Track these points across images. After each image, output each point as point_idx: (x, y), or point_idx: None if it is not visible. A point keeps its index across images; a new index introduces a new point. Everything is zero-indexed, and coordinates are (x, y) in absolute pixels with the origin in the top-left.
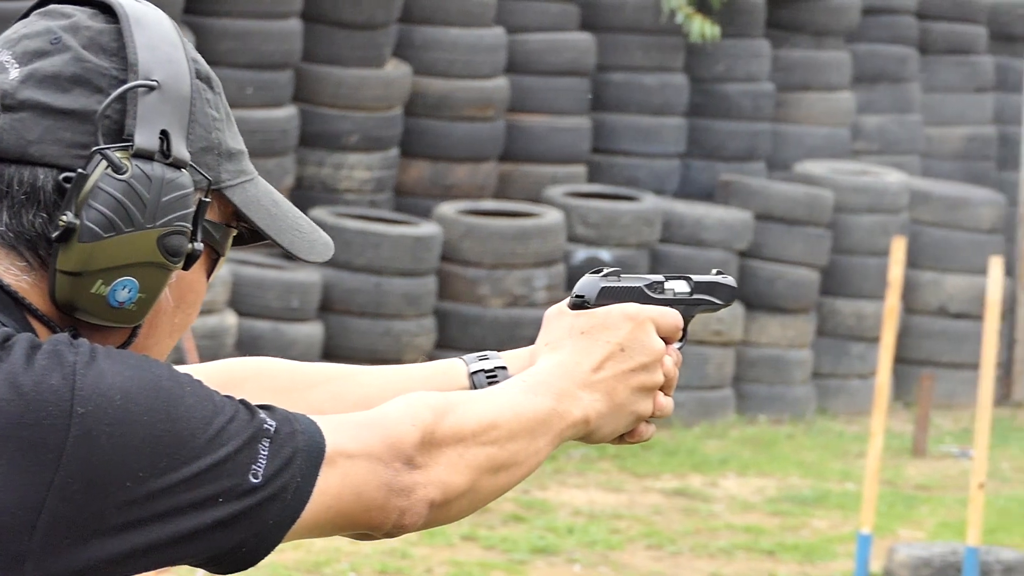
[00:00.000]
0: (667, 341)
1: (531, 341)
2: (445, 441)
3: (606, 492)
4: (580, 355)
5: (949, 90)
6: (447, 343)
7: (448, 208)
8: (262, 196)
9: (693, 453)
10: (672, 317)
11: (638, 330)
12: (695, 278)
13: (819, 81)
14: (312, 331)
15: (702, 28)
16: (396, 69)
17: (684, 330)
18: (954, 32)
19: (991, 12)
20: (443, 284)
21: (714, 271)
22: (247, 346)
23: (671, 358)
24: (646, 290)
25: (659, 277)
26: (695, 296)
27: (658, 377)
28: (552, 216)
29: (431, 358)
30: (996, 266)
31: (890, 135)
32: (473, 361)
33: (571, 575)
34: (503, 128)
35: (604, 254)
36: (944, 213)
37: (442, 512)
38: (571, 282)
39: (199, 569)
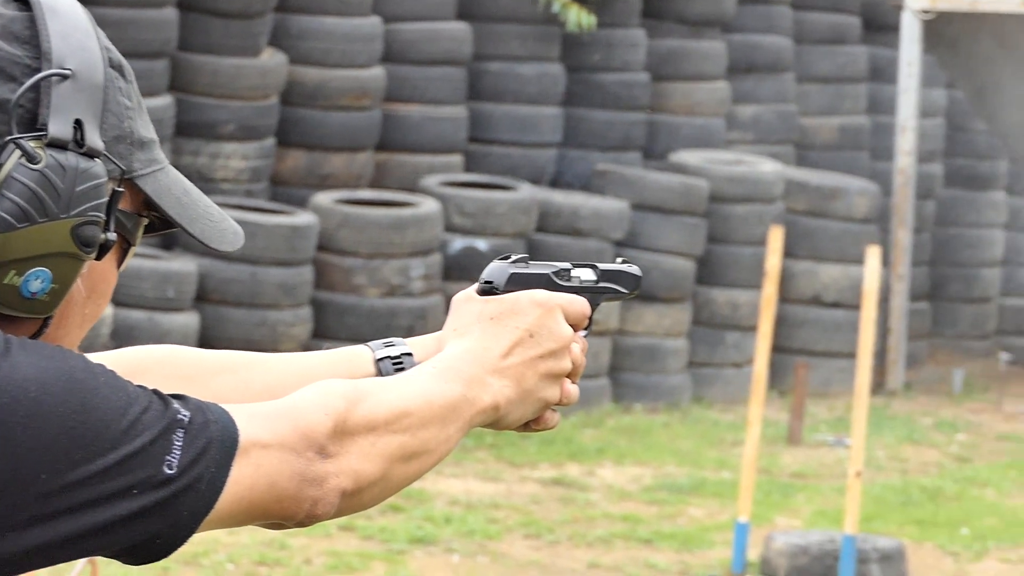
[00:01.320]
0: (574, 328)
1: (408, 331)
2: (357, 430)
3: (483, 482)
4: (489, 341)
5: (823, 80)
6: (323, 333)
7: (324, 197)
8: (173, 185)
9: (570, 442)
10: (580, 305)
11: (547, 317)
12: (601, 266)
13: (694, 71)
14: (188, 321)
15: (578, 18)
16: (272, 58)
17: (590, 318)
18: (828, 22)
19: (864, 3)
20: (319, 274)
21: (619, 260)
22: (122, 336)
23: (578, 345)
24: (553, 277)
25: (566, 264)
26: (601, 284)
27: (566, 364)
28: (428, 205)
29: (307, 348)
30: (873, 256)
31: (765, 125)
32: (379, 348)
33: (449, 565)
34: (379, 117)
35: (481, 244)
36: (819, 202)
37: (354, 501)
38: (448, 272)
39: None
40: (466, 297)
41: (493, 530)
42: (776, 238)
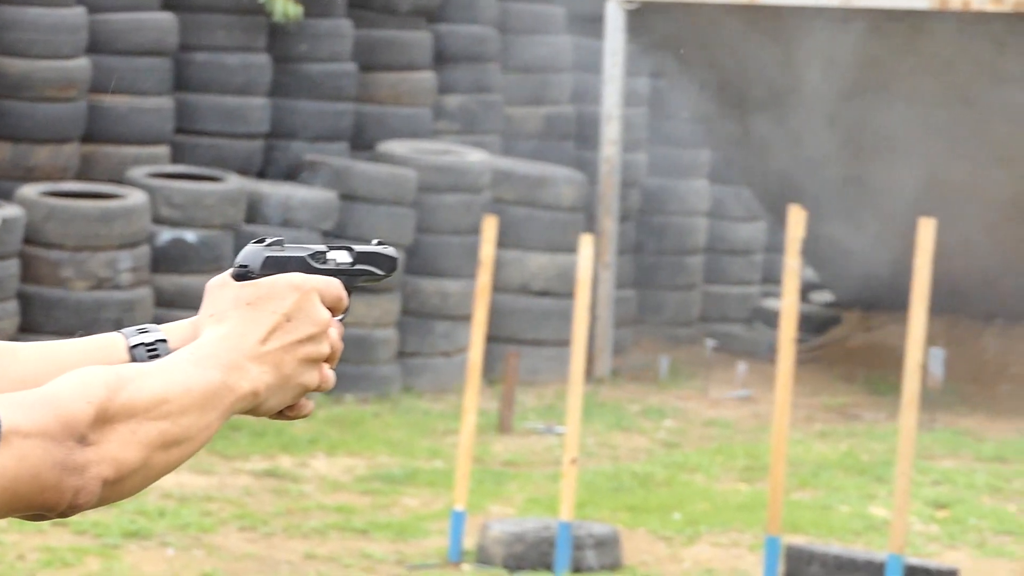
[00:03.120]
0: (332, 312)
1: (116, 324)
2: (118, 417)
3: (196, 475)
4: (247, 326)
5: (529, 70)
6: (31, 327)
7: (30, 190)
8: None
9: (281, 434)
10: (336, 288)
11: (304, 300)
12: (356, 248)
13: (401, 61)
14: None
15: (284, 8)
16: None
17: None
18: (533, 12)
19: None
20: (26, 267)
21: (375, 241)
22: None
23: (335, 330)
24: (309, 260)
25: (322, 247)
26: (357, 266)
27: (324, 348)
28: (136, 197)
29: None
30: (587, 244)
31: (471, 115)
32: (132, 335)
33: (164, 559)
34: (85, 109)
35: (189, 235)
36: (526, 192)
37: (115, 489)
38: (156, 264)
39: None
40: (221, 282)
41: (207, 523)
42: (489, 228)
